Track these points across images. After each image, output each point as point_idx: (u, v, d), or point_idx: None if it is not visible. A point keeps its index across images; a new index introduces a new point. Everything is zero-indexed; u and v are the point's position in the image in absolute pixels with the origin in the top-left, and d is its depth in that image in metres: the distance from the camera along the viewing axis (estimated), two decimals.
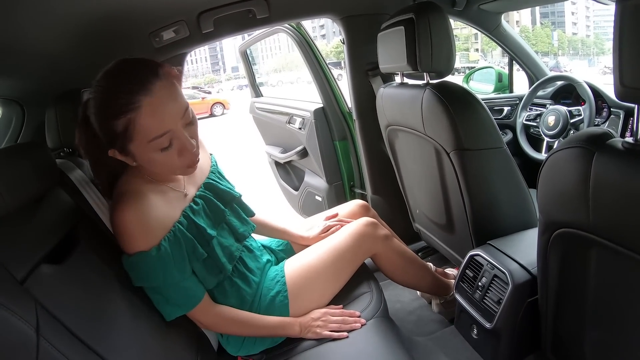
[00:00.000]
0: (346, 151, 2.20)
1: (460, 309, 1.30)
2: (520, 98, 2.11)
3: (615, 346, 0.85)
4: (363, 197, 2.17)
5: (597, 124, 1.74)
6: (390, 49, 1.38)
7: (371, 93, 1.82)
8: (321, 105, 2.19)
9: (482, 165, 1.23)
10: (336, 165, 2.24)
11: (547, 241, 0.88)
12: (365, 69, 1.85)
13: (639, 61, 0.61)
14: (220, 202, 1.11)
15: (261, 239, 1.41)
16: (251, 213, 1.27)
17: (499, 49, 2.19)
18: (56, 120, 1.16)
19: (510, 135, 2.13)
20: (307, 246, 1.33)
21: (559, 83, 1.98)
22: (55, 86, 1.30)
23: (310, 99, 2.35)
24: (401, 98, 1.44)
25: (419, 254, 1.94)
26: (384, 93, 1.54)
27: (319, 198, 2.35)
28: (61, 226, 0.91)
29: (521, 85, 2.29)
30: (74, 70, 1.30)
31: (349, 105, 2.05)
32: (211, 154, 1.24)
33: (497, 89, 2.38)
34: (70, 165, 1.09)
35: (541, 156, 1.83)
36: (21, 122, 1.44)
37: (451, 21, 1.35)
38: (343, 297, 1.25)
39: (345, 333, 1.11)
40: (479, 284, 1.17)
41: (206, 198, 1.08)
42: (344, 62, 1.90)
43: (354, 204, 1.53)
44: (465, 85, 2.57)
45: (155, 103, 0.84)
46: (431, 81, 1.31)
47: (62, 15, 1.07)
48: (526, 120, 1.98)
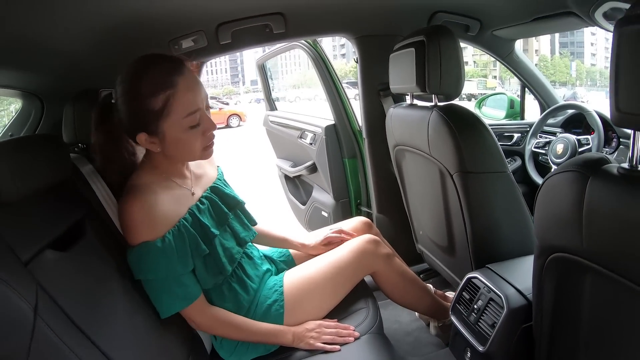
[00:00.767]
0: (355, 169, 2.23)
1: (455, 332, 1.30)
2: (530, 125, 2.11)
3: None
4: (368, 216, 2.18)
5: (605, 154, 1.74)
6: (400, 70, 1.41)
7: (382, 113, 1.85)
8: (333, 122, 2.23)
9: (484, 188, 1.24)
10: (344, 182, 2.26)
11: (542, 265, 0.88)
12: (377, 89, 1.88)
13: (635, 87, 0.61)
14: (224, 205, 1.15)
15: (263, 249, 1.43)
16: (253, 221, 1.29)
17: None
18: (73, 116, 1.20)
19: (519, 162, 2.13)
20: (309, 258, 1.35)
21: (570, 112, 1.99)
22: (74, 84, 1.35)
23: (325, 116, 2.39)
24: (409, 119, 1.46)
25: (421, 276, 1.93)
26: (394, 113, 1.57)
27: (325, 214, 2.37)
28: (69, 216, 0.95)
29: (533, 113, 2.30)
30: (93, 70, 1.36)
31: (360, 123, 2.08)
32: (218, 166, 1.29)
33: (509, 116, 2.39)
34: (83, 160, 1.14)
35: None
36: (39, 116, 1.48)
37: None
38: (339, 312, 1.26)
39: (337, 346, 1.12)
40: (475, 307, 1.17)
41: (211, 199, 1.13)
42: (358, 82, 1.94)
43: (357, 221, 1.54)
44: (477, 110, 2.59)
45: (188, 82, 0.96)
46: (439, 103, 1.33)
47: (88, 17, 1.13)
48: (535, 147, 1.98)
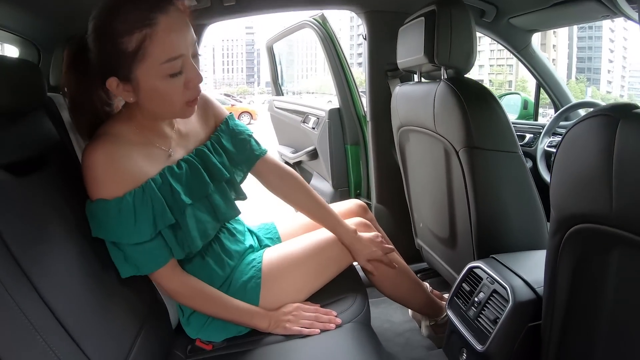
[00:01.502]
0: (357, 157, 2.11)
1: (451, 329, 1.17)
2: (543, 126, 2.01)
3: None
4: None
5: None
6: (408, 42, 1.32)
7: (388, 95, 1.75)
8: (337, 106, 2.12)
9: (492, 168, 1.13)
10: (345, 170, 2.16)
11: (559, 243, 0.75)
12: (384, 69, 1.79)
13: None
14: (207, 174, 1.00)
15: (249, 224, 1.32)
16: (243, 196, 1.14)
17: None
18: (62, 61, 1.13)
19: (530, 164, 2.01)
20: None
21: (584, 113, 1.87)
22: (69, 31, 1.28)
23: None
24: (415, 94, 1.36)
25: (419, 275, 1.80)
26: (399, 91, 1.47)
27: None
28: (33, 146, 0.87)
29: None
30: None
31: (366, 109, 1.98)
32: (228, 116, 1.15)
33: (522, 117, 2.29)
34: (64, 103, 1.05)
35: None
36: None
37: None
38: (323, 297, 1.14)
39: (316, 330, 1.00)
40: (475, 300, 1.05)
41: (192, 165, 0.98)
42: (364, 61, 1.84)
43: (353, 203, 1.42)
44: None
45: (172, 22, 0.80)
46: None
47: None
48: (548, 146, 1.86)
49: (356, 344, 0.98)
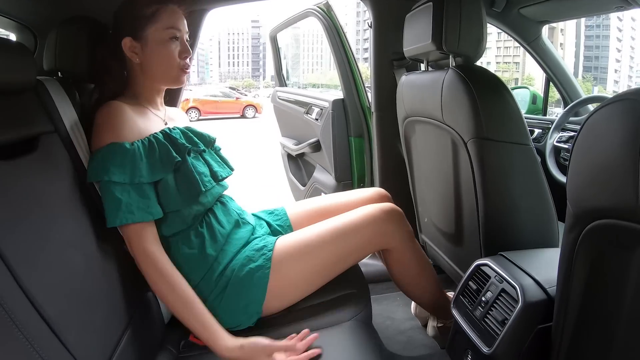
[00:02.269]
0: (360, 149, 2.05)
1: (455, 330, 1.12)
2: (552, 121, 1.95)
3: None
4: None
5: None
6: (415, 29, 1.26)
7: (393, 85, 1.68)
8: (341, 97, 2.05)
9: (502, 161, 1.07)
10: (348, 162, 2.09)
11: (575, 241, 0.69)
12: (390, 59, 1.73)
13: None
14: (198, 139, 1.13)
15: (255, 211, 1.30)
16: (231, 166, 1.21)
17: None
18: (56, 43, 1.11)
19: (538, 160, 1.96)
20: (309, 223, 1.21)
21: (595, 107, 1.81)
22: (62, 13, 1.22)
23: None
24: (422, 83, 1.30)
25: None
26: (405, 81, 1.41)
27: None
28: (22, 128, 0.85)
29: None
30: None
31: (371, 100, 1.92)
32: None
33: (530, 111, 2.22)
34: (56, 84, 1.02)
35: None
36: (33, 53, 1.38)
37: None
38: (323, 293, 1.11)
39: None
40: (482, 299, 0.99)
41: (183, 130, 1.12)
42: (369, 49, 1.78)
43: (373, 191, 1.36)
44: None
45: (174, 10, 1.07)
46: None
47: None
48: (557, 141, 1.80)
49: (356, 343, 0.94)
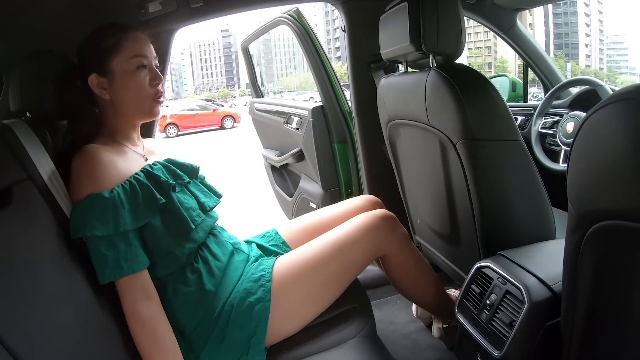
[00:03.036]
0: (345, 155, 2.02)
1: (462, 334, 1.10)
2: (535, 108, 1.94)
3: None
4: None
5: None
6: (391, 30, 1.23)
7: (373, 88, 1.65)
8: (320, 104, 2.01)
9: (494, 159, 1.05)
10: (333, 169, 2.05)
11: (579, 242, 0.67)
12: (367, 62, 1.70)
13: None
14: (179, 170, 1.08)
15: (248, 237, 1.26)
16: (217, 193, 1.16)
17: None
18: (21, 81, 1.05)
19: (529, 154, 1.95)
20: (304, 238, 1.19)
21: (576, 91, 1.82)
22: (25, 52, 1.16)
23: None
24: (403, 86, 1.27)
25: None
26: (385, 83, 1.38)
27: (314, 205, 2.17)
28: None
29: None
30: (53, 32, 1.22)
31: (350, 105, 1.89)
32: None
33: (511, 99, 2.23)
34: (24, 127, 0.96)
35: (558, 166, 1.64)
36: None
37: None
38: (324, 311, 1.07)
39: None
40: (487, 302, 0.97)
41: (165, 165, 1.06)
42: (345, 54, 1.75)
43: (364, 199, 1.34)
44: None
45: (137, 37, 1.03)
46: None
47: None
48: (542, 128, 1.80)
49: None
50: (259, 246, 1.21)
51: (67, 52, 1.07)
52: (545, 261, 0.96)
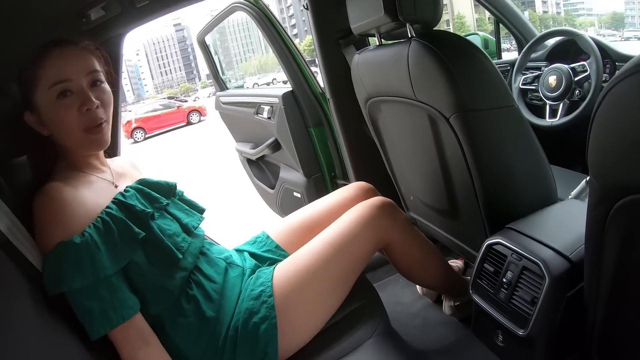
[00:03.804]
0: (323, 138, 1.93)
1: (478, 312, 1.05)
2: (511, 63, 1.89)
3: None
4: None
5: (605, 80, 1.52)
6: (362, 2, 1.13)
7: (345, 66, 1.57)
8: (290, 89, 1.91)
9: (492, 129, 0.98)
10: (313, 155, 1.97)
11: (605, 217, 0.62)
12: (335, 38, 1.59)
13: None
14: (155, 192, 0.97)
15: (238, 245, 1.19)
16: (200, 208, 1.07)
17: None
18: None
19: (526, 118, 1.91)
20: (300, 240, 1.11)
21: (553, 42, 1.77)
22: None
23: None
24: (381, 60, 1.18)
25: None
26: (360, 60, 1.29)
27: (298, 194, 2.09)
28: None
29: None
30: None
31: (322, 85, 1.79)
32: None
33: None
34: None
35: (545, 122, 1.60)
36: None
37: None
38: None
39: None
40: (504, 281, 0.92)
41: (138, 189, 0.96)
42: (311, 32, 1.64)
43: (356, 187, 1.26)
44: None
45: (63, 52, 0.87)
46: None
47: None
48: (522, 84, 1.75)
49: None
50: (252, 255, 1.12)
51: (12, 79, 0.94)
52: (556, 229, 0.92)
